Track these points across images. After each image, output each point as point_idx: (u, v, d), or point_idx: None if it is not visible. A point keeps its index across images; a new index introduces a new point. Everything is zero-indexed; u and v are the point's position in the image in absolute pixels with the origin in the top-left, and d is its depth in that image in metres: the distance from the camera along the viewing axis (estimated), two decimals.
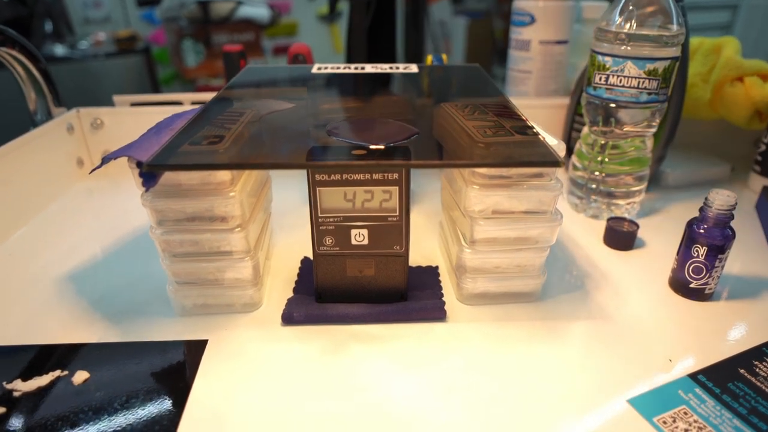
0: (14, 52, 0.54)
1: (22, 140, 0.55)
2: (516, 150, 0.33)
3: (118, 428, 0.30)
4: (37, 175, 0.57)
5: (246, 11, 1.81)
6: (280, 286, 0.43)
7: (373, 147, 0.33)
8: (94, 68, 1.80)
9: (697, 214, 0.41)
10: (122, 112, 0.65)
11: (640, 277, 0.45)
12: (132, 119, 0.65)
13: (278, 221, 0.53)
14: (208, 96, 0.67)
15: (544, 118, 0.67)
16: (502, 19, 2.77)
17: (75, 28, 2.05)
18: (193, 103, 0.66)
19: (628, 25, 0.46)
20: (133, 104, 0.66)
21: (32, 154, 0.56)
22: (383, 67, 0.53)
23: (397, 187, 0.36)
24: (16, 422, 0.31)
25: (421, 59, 1.11)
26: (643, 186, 0.53)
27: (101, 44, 1.91)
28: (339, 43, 2.43)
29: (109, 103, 0.67)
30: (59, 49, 1.81)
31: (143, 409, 0.32)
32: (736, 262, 0.46)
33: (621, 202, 0.53)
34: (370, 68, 0.53)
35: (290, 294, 0.42)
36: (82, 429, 0.30)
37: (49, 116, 0.61)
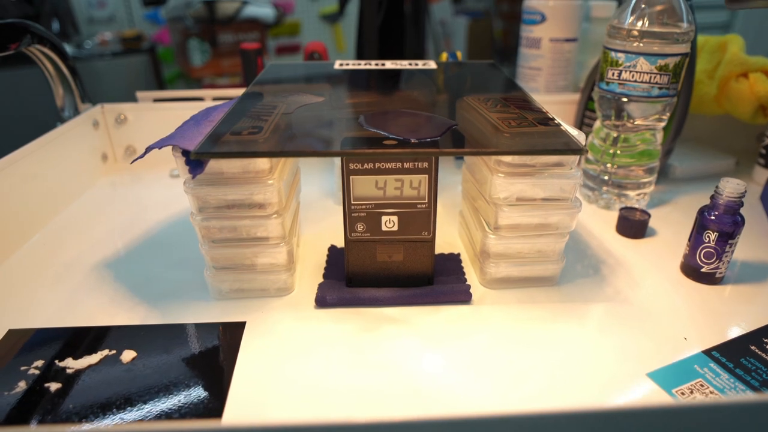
0: (45, 49, 0.56)
1: (51, 135, 0.56)
2: (540, 140, 0.35)
3: (169, 401, 0.32)
4: (65, 169, 0.58)
5: (251, 11, 1.83)
6: (309, 273, 0.45)
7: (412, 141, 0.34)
8: (100, 67, 1.82)
9: (704, 204, 0.43)
10: (145, 107, 0.67)
11: (653, 263, 0.47)
12: (154, 115, 0.66)
13: (303, 213, 0.55)
14: (228, 92, 0.69)
15: (554, 113, 0.69)
16: (502, 19, 2.80)
17: (80, 28, 2.06)
18: (214, 99, 0.68)
19: (640, 23, 0.48)
20: (156, 100, 0.68)
21: (61, 148, 0.58)
22: (403, 63, 0.55)
23: (426, 176, 0.38)
24: (73, 395, 0.33)
25: (423, 59, 1.13)
26: (652, 178, 0.55)
27: (107, 44, 1.93)
28: (342, 43, 2.45)
29: (115, 101, 0.67)
30: (65, 49, 1.82)
31: (191, 384, 0.33)
32: (743, 250, 0.48)
33: (631, 193, 0.55)
34: (390, 64, 0.55)
35: (320, 280, 0.44)
36: (135, 402, 0.32)
37: (75, 112, 0.63)
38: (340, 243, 0.48)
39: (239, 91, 0.69)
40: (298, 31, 2.40)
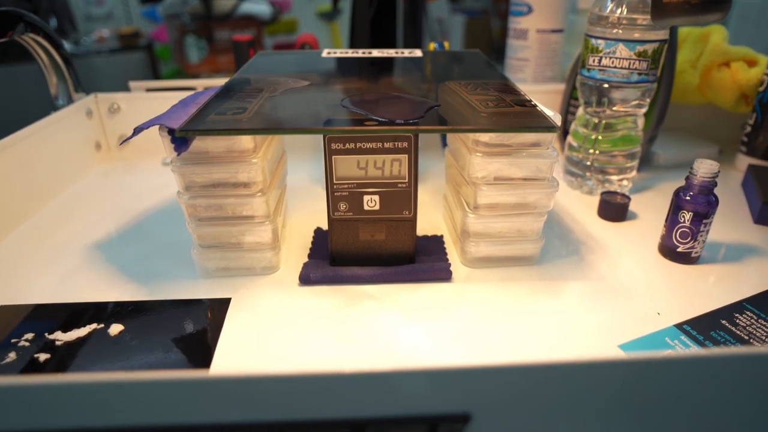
0: (39, 38, 0.57)
1: (43, 123, 0.57)
2: (516, 119, 0.37)
3: (155, 372, 0.33)
4: (59, 157, 0.59)
5: (247, 7, 1.84)
6: (295, 253, 0.46)
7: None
8: (98, 64, 1.83)
9: (685, 182, 0.44)
10: (138, 97, 0.68)
11: (632, 245, 0.48)
12: (147, 104, 0.67)
13: (292, 199, 0.56)
14: (219, 82, 0.70)
15: (540, 103, 0.70)
16: (500, 18, 2.80)
17: (78, 25, 2.07)
18: (206, 88, 0.69)
19: (619, 10, 0.49)
20: (149, 90, 0.69)
21: (53, 136, 0.59)
22: (389, 52, 0.56)
23: (406, 155, 0.39)
24: (61, 365, 0.34)
25: None
26: (634, 163, 0.56)
27: (104, 41, 1.94)
28: (339, 41, 2.46)
29: None
30: (59, 38, 1.84)
31: (175, 355, 0.35)
32: (722, 234, 0.49)
33: (614, 178, 0.56)
34: (376, 53, 0.56)
35: (305, 260, 0.45)
36: (121, 371, 0.33)
37: (69, 101, 0.64)
38: (326, 226, 0.49)
39: None
40: (295, 28, 2.41)
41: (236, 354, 0.35)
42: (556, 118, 0.40)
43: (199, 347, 0.35)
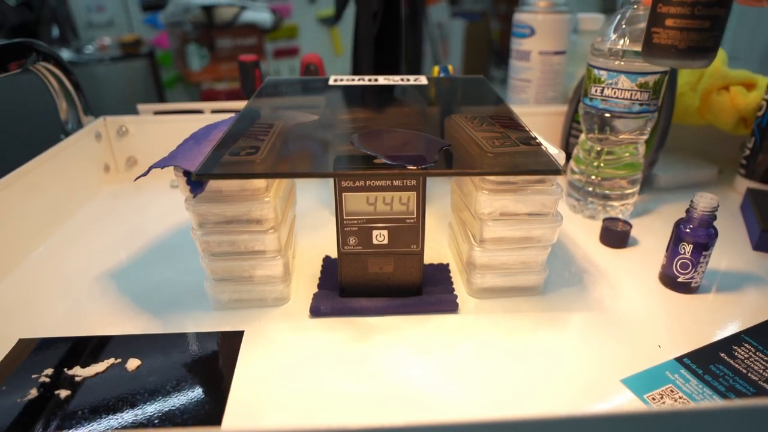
0: (50, 66, 0.58)
1: (57, 149, 0.58)
2: (521, 159, 0.38)
3: (173, 407, 0.34)
4: (69, 181, 0.61)
5: (249, 16, 1.85)
6: (305, 283, 0.47)
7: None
8: (100, 72, 1.84)
9: (685, 214, 0.45)
10: (146, 120, 0.69)
11: (633, 273, 0.49)
12: (155, 127, 0.68)
13: (299, 223, 0.57)
14: (226, 105, 0.71)
15: (543, 124, 0.71)
16: (499, 21, 2.82)
17: (79, 33, 2.08)
18: (213, 111, 0.70)
19: (621, 42, 0.50)
20: (156, 112, 0.70)
21: (65, 161, 0.60)
22: (395, 79, 0.57)
23: (414, 192, 0.40)
24: (82, 402, 0.35)
25: (420, 62, 1.15)
26: (636, 189, 0.58)
27: (106, 49, 1.95)
28: (339, 46, 2.47)
29: (115, 105, 0.71)
30: (65, 54, 1.84)
31: (193, 391, 0.36)
32: (720, 260, 0.51)
33: (616, 203, 0.58)
34: (382, 80, 0.57)
35: (315, 289, 0.46)
36: (140, 408, 0.34)
37: (78, 125, 0.65)
38: (334, 253, 0.50)
39: (236, 104, 0.71)
40: (296, 34, 2.42)
41: (250, 393, 0.36)
42: (560, 157, 0.41)
43: (215, 384, 0.36)
